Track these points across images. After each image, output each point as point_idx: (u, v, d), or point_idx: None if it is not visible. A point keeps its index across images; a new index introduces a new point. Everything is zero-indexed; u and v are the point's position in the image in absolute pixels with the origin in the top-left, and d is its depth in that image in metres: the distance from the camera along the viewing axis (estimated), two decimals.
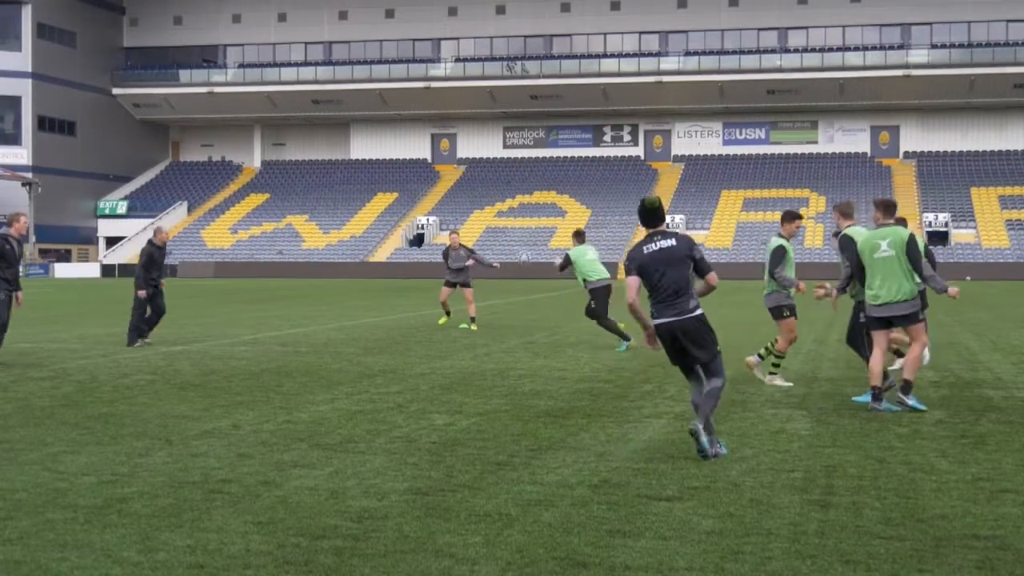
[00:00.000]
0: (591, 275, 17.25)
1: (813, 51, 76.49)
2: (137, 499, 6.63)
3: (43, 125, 76.76)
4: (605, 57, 78.64)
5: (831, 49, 76.51)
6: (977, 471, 7.48)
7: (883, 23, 77.05)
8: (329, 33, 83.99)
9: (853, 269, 10.67)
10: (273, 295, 37.85)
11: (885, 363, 10.48)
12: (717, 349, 8.04)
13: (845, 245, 10.94)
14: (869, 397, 10.61)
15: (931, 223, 67.09)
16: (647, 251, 7.99)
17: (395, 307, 29.69)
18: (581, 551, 5.54)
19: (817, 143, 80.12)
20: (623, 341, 16.71)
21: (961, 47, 74.70)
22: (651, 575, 5.18)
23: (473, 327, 20.85)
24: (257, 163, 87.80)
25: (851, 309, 11.31)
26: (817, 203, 71.81)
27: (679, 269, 7.93)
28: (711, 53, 77.55)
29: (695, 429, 7.75)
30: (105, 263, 74.30)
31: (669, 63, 77.31)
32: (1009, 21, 75.32)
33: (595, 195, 76.38)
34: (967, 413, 10.11)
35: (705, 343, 7.96)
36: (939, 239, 66.34)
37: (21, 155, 75.15)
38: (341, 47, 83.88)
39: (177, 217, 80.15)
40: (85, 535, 5.82)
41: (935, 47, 75.19)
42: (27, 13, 75.36)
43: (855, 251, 10.65)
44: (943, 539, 5.77)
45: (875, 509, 6.40)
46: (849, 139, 79.81)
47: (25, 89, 75.51)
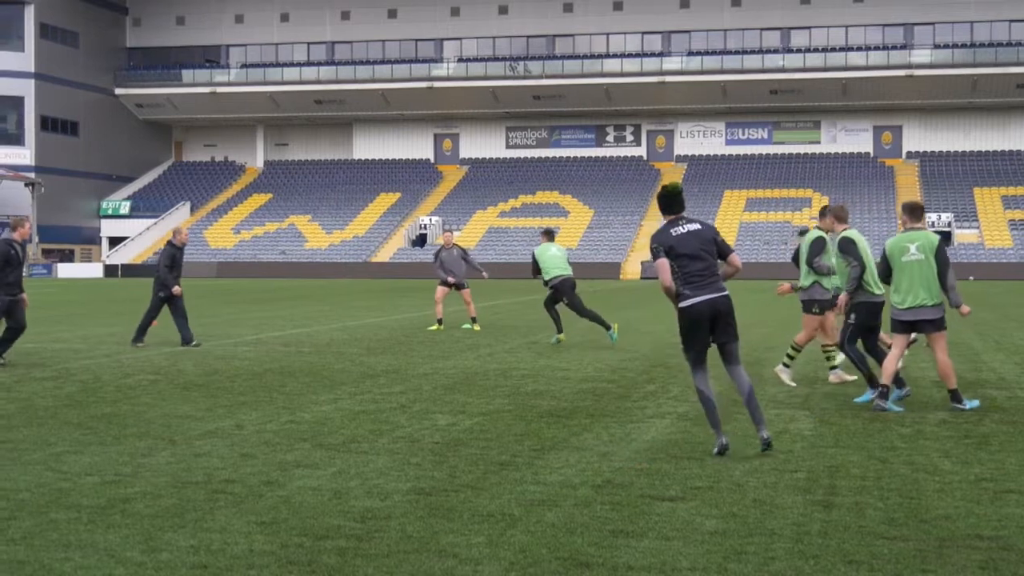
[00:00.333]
0: (550, 271, 17.88)
1: (816, 51, 76.40)
2: (140, 499, 6.64)
3: (46, 125, 76.75)
4: (608, 57, 78.58)
5: (834, 49, 76.43)
6: (980, 471, 7.48)
7: (886, 23, 76.96)
8: (332, 33, 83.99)
9: (860, 269, 10.75)
10: (276, 295, 37.85)
11: (898, 366, 10.49)
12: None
13: (847, 247, 11.01)
14: (869, 397, 10.62)
15: (934, 223, 66.98)
16: (675, 233, 8.09)
17: (398, 307, 29.68)
18: (584, 551, 5.54)
19: (820, 143, 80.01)
20: (608, 331, 17.56)
21: (964, 47, 74.63)
22: (654, 575, 5.18)
23: (476, 327, 20.85)
24: (260, 163, 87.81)
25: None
26: (820, 203, 71.66)
27: (709, 249, 8.09)
28: (714, 53, 77.49)
29: (764, 440, 8.08)
30: (108, 263, 74.39)
31: (672, 63, 77.28)
32: (1012, 21, 75.24)
33: (598, 195, 76.35)
34: (970, 413, 10.11)
35: (735, 324, 8.18)
36: (942, 240, 66.23)
37: (24, 155, 75.16)
38: (344, 47, 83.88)
39: (180, 217, 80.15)
40: (88, 535, 5.83)
41: (938, 47, 75.09)
42: (30, 13, 75.36)
43: (859, 253, 10.81)
44: (946, 539, 5.77)
45: (878, 509, 6.40)
46: (852, 139, 79.73)
47: (28, 89, 75.49)
